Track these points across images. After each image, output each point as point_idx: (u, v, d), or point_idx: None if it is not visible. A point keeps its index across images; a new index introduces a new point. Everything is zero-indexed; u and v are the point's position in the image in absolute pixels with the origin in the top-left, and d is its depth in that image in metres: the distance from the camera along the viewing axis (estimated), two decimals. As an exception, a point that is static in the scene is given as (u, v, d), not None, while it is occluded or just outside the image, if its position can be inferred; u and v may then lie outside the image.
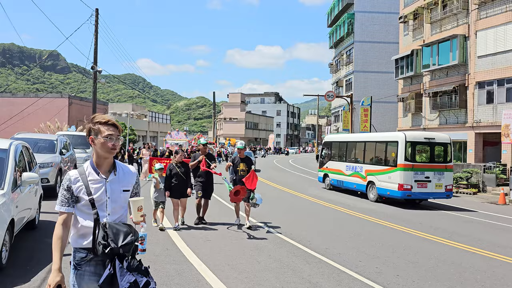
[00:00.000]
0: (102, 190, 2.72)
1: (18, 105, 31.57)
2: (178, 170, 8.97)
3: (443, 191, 15.11)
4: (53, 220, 9.04)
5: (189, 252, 7.06)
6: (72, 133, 20.12)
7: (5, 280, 5.27)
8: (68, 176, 2.71)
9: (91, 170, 2.75)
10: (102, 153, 2.73)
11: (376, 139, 17.22)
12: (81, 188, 2.69)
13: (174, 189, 8.92)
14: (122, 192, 2.80)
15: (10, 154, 6.60)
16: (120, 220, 2.78)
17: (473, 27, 25.12)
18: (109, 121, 2.75)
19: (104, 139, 2.69)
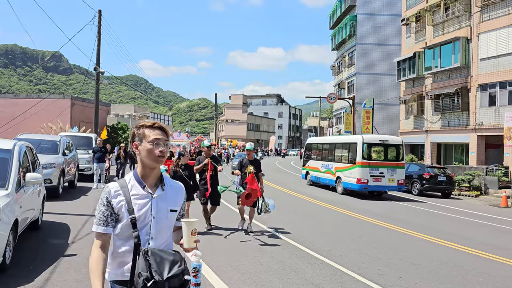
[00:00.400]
0: (147, 208, 2.25)
1: (21, 106, 31.63)
2: (182, 172, 8.65)
3: (395, 185, 17.79)
4: (56, 220, 9.09)
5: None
6: (74, 134, 20.19)
7: (9, 280, 5.29)
8: (107, 188, 2.27)
9: (135, 182, 2.29)
10: (148, 162, 2.28)
11: (343, 141, 20.19)
12: (122, 203, 2.23)
13: None
14: (169, 212, 2.32)
15: (14, 154, 6.63)
16: (165, 246, 2.30)
17: (475, 29, 25.13)
18: (155, 124, 2.34)
19: (150, 145, 2.26)
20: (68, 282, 5.33)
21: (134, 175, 2.33)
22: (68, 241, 7.46)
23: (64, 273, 5.67)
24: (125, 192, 2.25)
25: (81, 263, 6.15)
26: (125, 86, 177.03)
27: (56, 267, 5.91)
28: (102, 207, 2.24)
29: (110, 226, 2.22)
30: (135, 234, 2.21)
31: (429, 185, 20.13)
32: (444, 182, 20.45)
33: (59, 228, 8.51)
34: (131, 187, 2.28)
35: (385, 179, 17.44)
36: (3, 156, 6.59)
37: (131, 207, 2.22)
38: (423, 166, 21.83)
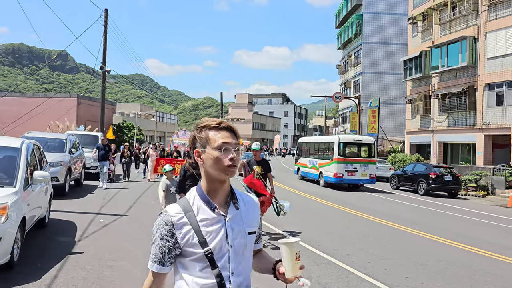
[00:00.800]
0: (221, 236, 1.73)
1: (27, 104, 31.82)
2: (193, 171, 8.20)
3: (367, 178, 20.49)
4: (63, 218, 9.13)
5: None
6: (81, 133, 20.28)
7: (16, 277, 5.32)
8: (167, 215, 1.74)
9: (201, 203, 1.78)
10: (216, 175, 1.77)
11: (324, 140, 23.07)
12: (190, 234, 1.71)
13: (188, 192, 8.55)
14: (247, 236, 1.82)
15: (22, 152, 6.66)
16: (246, 285, 1.85)
17: (482, 28, 24.96)
18: (221, 124, 1.81)
19: (218, 152, 1.74)
20: (75, 280, 5.35)
21: (199, 192, 1.81)
22: (75, 239, 7.49)
23: (71, 270, 5.70)
24: (191, 218, 1.73)
25: (87, 260, 6.17)
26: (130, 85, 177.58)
27: (63, 264, 5.94)
28: (161, 240, 1.71)
29: (168, 265, 1.74)
30: (216, 272, 1.70)
31: (435, 185, 20.02)
32: (451, 182, 20.33)
33: (66, 226, 8.55)
34: (198, 210, 1.76)
35: (359, 174, 20.24)
36: (11, 154, 6.63)
37: (203, 237, 1.71)
38: (430, 165, 21.72)
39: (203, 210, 1.76)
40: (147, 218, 9.98)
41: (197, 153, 1.82)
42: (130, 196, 13.43)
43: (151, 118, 54.71)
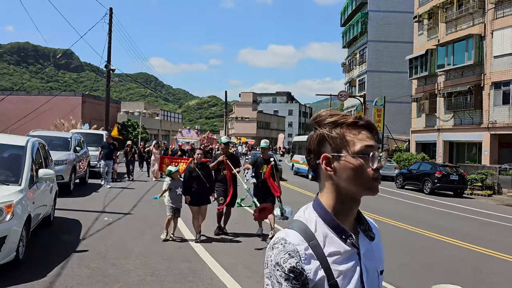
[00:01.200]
0: (356, 279, 1.26)
1: (33, 103, 31.90)
2: (199, 172, 7.71)
3: None
4: (68, 216, 9.15)
5: (201, 251, 7.06)
6: (85, 131, 20.32)
7: (22, 274, 5.32)
8: (289, 244, 1.21)
9: (327, 229, 1.27)
10: (355, 192, 1.28)
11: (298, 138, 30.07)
12: (319, 273, 1.21)
13: (194, 194, 7.62)
14: (379, 277, 1.38)
15: (27, 151, 6.67)
16: None
17: (489, 26, 24.78)
18: (361, 119, 1.32)
19: (360, 160, 1.25)
20: (80, 277, 5.35)
21: (324, 214, 1.29)
22: (80, 237, 7.50)
23: (76, 268, 5.70)
24: (317, 251, 1.23)
25: (91, 258, 6.17)
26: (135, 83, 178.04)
27: (67, 262, 5.94)
28: (287, 282, 1.18)
29: None
30: None
31: (441, 184, 19.92)
32: (456, 181, 20.23)
33: (71, 224, 8.57)
34: (324, 239, 1.26)
35: None
36: (17, 153, 6.64)
37: (334, 279, 1.22)
38: (435, 164, 21.63)
39: (331, 239, 1.26)
40: (152, 217, 9.98)
41: (325, 159, 1.29)
42: (135, 195, 13.43)
43: (156, 116, 54.80)
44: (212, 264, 6.26)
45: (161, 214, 10.35)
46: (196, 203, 7.68)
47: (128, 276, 5.53)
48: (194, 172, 7.68)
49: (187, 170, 7.64)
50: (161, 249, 6.96)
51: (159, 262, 6.23)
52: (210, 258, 6.57)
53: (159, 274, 5.68)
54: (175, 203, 7.77)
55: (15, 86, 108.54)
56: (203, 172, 7.76)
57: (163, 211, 10.76)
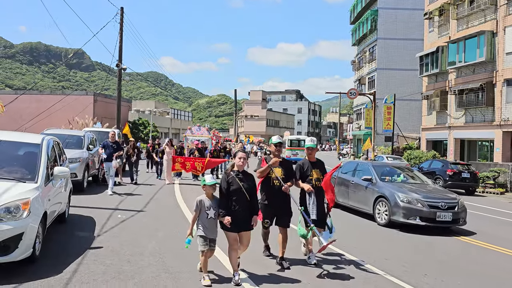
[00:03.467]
0: None
1: (45, 102, 32.30)
2: (240, 184, 5.51)
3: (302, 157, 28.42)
4: (82, 214, 9.29)
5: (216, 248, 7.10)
6: (98, 129, 20.51)
7: (39, 270, 5.43)
8: None
9: None
10: None
11: (288, 138, 37.70)
12: None
13: (232, 216, 5.43)
14: None
15: (43, 148, 6.78)
16: None
17: (501, 23, 24.50)
18: None
19: None
20: (95, 274, 5.44)
21: None
22: (94, 234, 7.61)
23: (91, 265, 5.79)
24: None
25: (106, 255, 6.27)
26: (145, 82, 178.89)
27: (83, 259, 6.04)
28: None
29: None
30: None
31: (452, 182, 19.78)
32: (468, 179, 20.08)
33: (85, 221, 8.69)
34: None
35: (298, 156, 31.71)
36: (32, 150, 6.75)
37: None
38: (446, 162, 21.48)
39: None
40: (165, 214, 10.08)
41: None
42: (148, 192, 13.55)
43: (166, 115, 55.09)
44: (226, 261, 6.31)
45: (173, 211, 10.46)
46: (235, 228, 5.49)
47: (142, 272, 5.62)
48: (234, 183, 5.53)
49: (223, 179, 5.60)
50: (174, 246, 7.04)
51: (173, 258, 6.31)
52: (222, 253, 6.62)
53: (173, 270, 5.75)
54: (209, 230, 5.43)
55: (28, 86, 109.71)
56: (246, 184, 5.58)
57: (176, 208, 10.92)
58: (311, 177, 6.60)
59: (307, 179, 6.57)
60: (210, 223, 5.42)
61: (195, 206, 5.43)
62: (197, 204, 5.41)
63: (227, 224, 5.37)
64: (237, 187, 5.49)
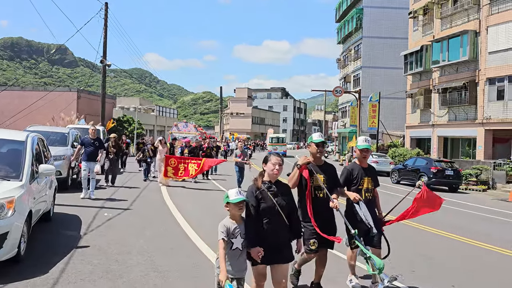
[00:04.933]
0: None
1: (27, 98, 31.73)
2: (274, 200, 4.00)
3: (283, 151, 43.44)
4: (67, 212, 9.14)
5: (204, 246, 7.07)
6: (82, 126, 20.21)
7: (24, 271, 5.31)
8: None
9: None
10: None
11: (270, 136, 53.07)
12: None
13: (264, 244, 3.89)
14: None
15: (27, 146, 6.63)
16: None
17: (484, 22, 24.89)
18: None
19: None
20: (83, 273, 5.35)
21: None
22: (80, 232, 7.49)
23: (78, 264, 5.69)
24: None
25: (93, 254, 6.17)
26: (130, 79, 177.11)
27: (69, 258, 5.93)
28: None
29: None
30: None
31: (436, 179, 20.05)
32: (452, 176, 20.38)
33: (71, 219, 8.55)
34: None
35: (278, 150, 40.55)
36: (17, 148, 6.60)
37: None
38: (431, 160, 21.77)
39: None
40: (152, 212, 9.98)
41: None
42: (134, 190, 13.41)
43: (151, 112, 54.61)
44: (214, 258, 6.26)
45: (160, 209, 10.37)
46: (266, 259, 3.90)
47: (131, 271, 5.54)
48: (265, 199, 3.96)
49: (252, 196, 3.98)
50: (162, 244, 6.97)
51: (162, 257, 6.24)
52: (211, 252, 6.58)
53: (162, 269, 5.69)
54: (235, 267, 3.85)
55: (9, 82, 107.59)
56: (281, 199, 4.03)
57: (162, 206, 10.82)
58: (360, 186, 5.30)
59: (354, 188, 5.28)
60: (236, 256, 3.80)
61: (220, 233, 3.72)
62: (223, 230, 3.74)
63: (258, 257, 3.81)
64: (270, 205, 3.94)
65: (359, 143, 5.49)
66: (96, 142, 11.57)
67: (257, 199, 3.95)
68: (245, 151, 15.90)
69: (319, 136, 5.10)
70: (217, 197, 13.32)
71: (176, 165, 14.66)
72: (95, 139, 11.64)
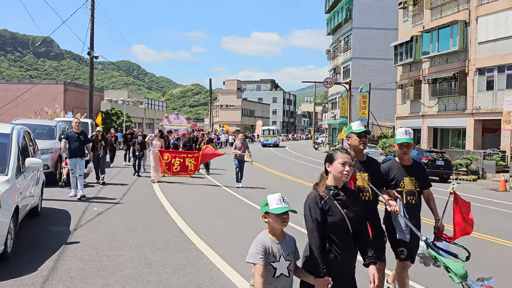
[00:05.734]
0: None
1: (13, 91, 31.14)
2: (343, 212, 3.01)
3: (273, 142, 49.41)
4: (55, 207, 8.91)
5: (197, 240, 6.90)
6: (70, 119, 19.79)
7: (11, 269, 5.09)
8: None
9: None
10: None
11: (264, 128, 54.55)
12: None
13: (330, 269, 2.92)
14: None
15: (13, 139, 6.38)
16: None
17: (474, 13, 24.89)
18: None
19: None
20: (73, 271, 5.15)
21: None
22: (70, 228, 7.27)
23: (68, 261, 5.50)
24: None
25: (84, 250, 5.98)
26: (117, 71, 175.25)
27: (59, 255, 5.73)
28: None
29: None
30: None
31: (427, 170, 20.04)
32: (442, 166, 20.45)
33: (59, 215, 8.31)
34: None
35: (269, 141, 49.04)
36: (2, 141, 6.34)
37: None
38: (422, 150, 21.81)
39: None
40: (143, 205, 9.78)
41: None
42: (124, 184, 13.16)
43: (140, 105, 54.04)
44: (209, 254, 6.11)
45: (152, 203, 10.17)
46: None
47: (124, 268, 5.35)
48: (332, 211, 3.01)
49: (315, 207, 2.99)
50: (155, 239, 6.78)
51: (155, 252, 6.06)
52: (206, 247, 6.43)
53: (156, 265, 5.51)
54: None
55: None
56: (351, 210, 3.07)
57: (154, 200, 10.61)
58: (400, 188, 4.34)
59: (397, 189, 4.33)
60: (280, 284, 2.79)
61: (255, 255, 2.71)
62: (260, 251, 2.72)
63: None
64: (339, 218, 2.96)
65: (398, 136, 4.42)
66: (81, 136, 10.48)
67: (323, 211, 2.95)
68: (245, 142, 14.40)
69: (360, 124, 4.18)
70: (211, 191, 13.16)
71: (170, 160, 13.49)
72: (79, 133, 10.52)
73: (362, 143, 4.09)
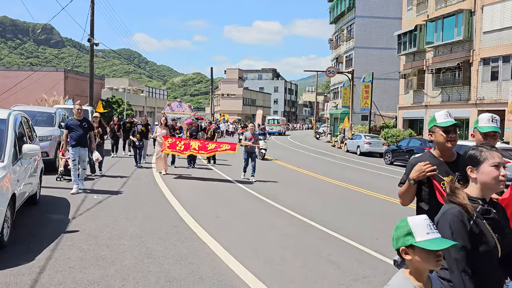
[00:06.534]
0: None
1: (12, 78, 30.86)
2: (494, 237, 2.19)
3: (278, 131, 55.55)
4: (55, 195, 8.77)
5: (199, 229, 6.75)
6: (69, 107, 19.60)
7: (8, 258, 4.94)
8: None
9: None
10: None
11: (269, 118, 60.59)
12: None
13: None
14: None
15: (10, 124, 6.20)
16: None
17: (479, 1, 24.50)
18: None
19: None
20: (72, 260, 5.01)
21: None
22: (69, 216, 7.12)
23: (67, 250, 5.35)
24: None
25: (83, 239, 5.83)
26: (118, 59, 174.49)
27: (57, 244, 5.58)
28: None
29: None
30: None
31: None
32: (446, 157, 20.25)
33: (58, 203, 8.17)
34: None
35: (274, 130, 54.30)
36: (-2, 127, 6.17)
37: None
38: (425, 141, 21.60)
39: None
40: (143, 194, 9.63)
41: None
42: (124, 173, 13.00)
43: (141, 93, 53.73)
44: (211, 244, 5.97)
45: (153, 192, 10.02)
46: None
47: (124, 258, 5.20)
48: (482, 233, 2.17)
49: (461, 228, 2.13)
50: (156, 228, 6.64)
51: (156, 242, 5.92)
52: (209, 237, 6.28)
53: (157, 255, 5.36)
54: None
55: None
56: (500, 232, 2.23)
57: (155, 189, 10.45)
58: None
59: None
60: None
61: None
62: None
63: None
64: (491, 245, 2.19)
65: (482, 123, 3.40)
66: (85, 123, 9.57)
67: (471, 234, 2.14)
68: (256, 133, 13.62)
69: (447, 115, 3.12)
70: (215, 181, 12.98)
71: (174, 141, 12.78)
72: (81, 120, 9.59)
73: (451, 140, 3.07)
